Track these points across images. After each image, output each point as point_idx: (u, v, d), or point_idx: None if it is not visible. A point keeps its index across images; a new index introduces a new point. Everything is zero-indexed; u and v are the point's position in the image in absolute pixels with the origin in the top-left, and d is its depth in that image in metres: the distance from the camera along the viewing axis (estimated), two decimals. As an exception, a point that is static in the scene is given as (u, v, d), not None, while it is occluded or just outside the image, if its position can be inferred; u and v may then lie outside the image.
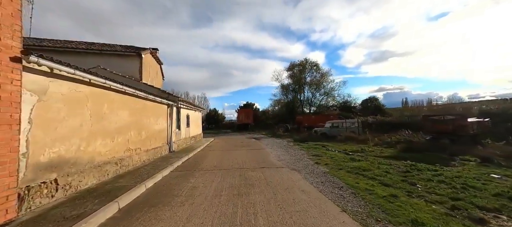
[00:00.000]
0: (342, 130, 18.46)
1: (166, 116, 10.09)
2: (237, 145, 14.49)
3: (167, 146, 9.98)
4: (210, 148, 12.82)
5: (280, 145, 13.97)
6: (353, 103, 39.26)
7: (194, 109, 16.93)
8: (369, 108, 33.48)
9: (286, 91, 46.84)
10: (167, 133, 10.06)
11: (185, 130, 13.76)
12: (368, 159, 8.27)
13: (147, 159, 7.74)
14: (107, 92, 5.49)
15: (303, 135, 19.51)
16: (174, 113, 11.33)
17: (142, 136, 7.45)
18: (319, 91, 43.68)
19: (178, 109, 12.52)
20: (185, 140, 13.53)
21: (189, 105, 14.48)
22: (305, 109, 44.88)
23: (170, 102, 10.19)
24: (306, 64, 44.24)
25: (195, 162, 8.26)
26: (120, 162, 5.97)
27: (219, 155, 10.05)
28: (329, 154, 9.65)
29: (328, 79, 43.13)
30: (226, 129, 39.32)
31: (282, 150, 11.56)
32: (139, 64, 13.25)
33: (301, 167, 6.96)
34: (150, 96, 7.82)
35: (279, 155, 9.54)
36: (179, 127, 12.52)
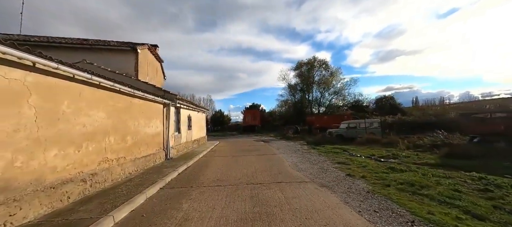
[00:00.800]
0: (360, 131, 16.60)
1: (162, 117, 8.61)
2: (244, 149, 12.90)
3: (163, 152, 8.49)
4: (214, 153, 11.27)
5: (293, 149, 12.30)
6: (365, 102, 37.13)
7: (197, 110, 15.47)
8: (383, 107, 31.30)
9: (294, 91, 45.12)
10: (163, 137, 8.58)
11: (186, 133, 12.29)
12: (411, 168, 6.51)
13: (135, 170, 6.24)
14: (69, 84, 4.01)
15: (317, 137, 17.74)
16: (172, 114, 9.86)
17: (128, 141, 5.96)
18: (328, 90, 41.73)
19: (177, 109, 11.06)
20: (186, 144, 12.05)
21: (191, 105, 13.02)
22: (313, 109, 42.98)
23: (166, 101, 8.72)
24: (315, 63, 42.39)
25: (195, 173, 6.70)
26: (92, 178, 4.46)
27: (224, 162, 8.47)
28: (357, 161, 7.92)
29: (338, 78, 41.17)
30: (232, 131, 37.85)
31: (298, 155, 9.89)
32: (134, 60, 11.89)
33: (331, 181, 5.29)
34: (138, 92, 6.34)
35: (296, 163, 7.89)
36: (179, 130, 11.05)
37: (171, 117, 9.56)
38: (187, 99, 11.62)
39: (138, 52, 11.92)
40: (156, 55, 15.70)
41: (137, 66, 11.92)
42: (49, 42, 10.46)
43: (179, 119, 11.13)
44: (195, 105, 14.08)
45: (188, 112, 12.87)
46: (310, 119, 25.89)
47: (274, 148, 12.95)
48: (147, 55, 13.57)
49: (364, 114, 26.74)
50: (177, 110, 11.03)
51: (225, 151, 12.31)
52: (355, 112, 28.62)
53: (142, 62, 12.64)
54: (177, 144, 10.37)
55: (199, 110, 16.02)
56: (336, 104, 40.50)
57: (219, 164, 8.04)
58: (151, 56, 14.52)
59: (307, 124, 25.62)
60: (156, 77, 15.98)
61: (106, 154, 5.00)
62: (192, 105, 13.18)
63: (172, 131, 9.66)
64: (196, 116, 15.11)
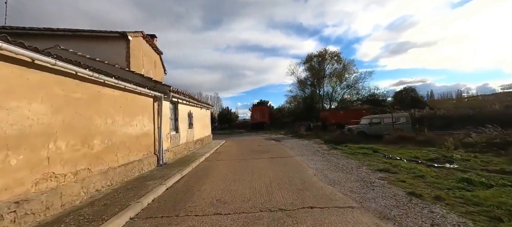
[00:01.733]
0: (385, 127, 14.48)
1: (152, 114, 6.97)
2: (254, 149, 11.14)
3: (153, 157, 6.86)
4: (218, 156, 9.58)
5: (310, 149, 10.42)
6: (382, 96, 34.43)
7: (200, 106, 13.83)
8: (403, 100, 28.66)
9: (303, 86, 42.88)
10: (153, 138, 6.95)
11: (187, 132, 10.66)
12: (495, 180, 4.54)
13: (107, 185, 4.61)
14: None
15: (334, 135, 15.73)
16: (166, 110, 8.22)
17: (95, 146, 4.32)
18: (340, 84, 39.26)
19: (174, 105, 9.42)
20: (187, 145, 10.42)
21: (192, 101, 11.38)
22: (325, 105, 40.67)
23: (157, 93, 7.06)
24: (326, 55, 39.95)
25: (188, 187, 5.00)
26: (18, 209, 2.82)
27: (229, 169, 6.74)
28: (402, 167, 5.98)
29: (351, 71, 38.60)
30: (240, 129, 36.20)
31: (320, 158, 8.02)
32: (125, 49, 10.32)
33: (392, 206, 3.40)
34: (110, 80, 4.66)
35: (322, 170, 6.04)
36: (177, 129, 9.42)
37: (165, 114, 7.92)
38: (186, 93, 9.97)
39: (129, 40, 10.34)
40: (154, 46, 14.15)
41: (128, 56, 10.36)
42: (23, 31, 9.03)
43: (177, 115, 9.49)
44: (197, 101, 12.44)
45: (188, 109, 11.23)
46: (324, 115, 23.78)
47: (287, 148, 11.12)
48: (141, 45, 12.00)
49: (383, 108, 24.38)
50: (174, 106, 9.39)
51: (232, 152, 10.59)
52: (373, 107, 26.23)
53: (135, 53, 11.08)
54: (174, 146, 8.74)
55: (202, 106, 14.38)
56: (350, 99, 37.99)
57: (223, 172, 6.30)
58: (147, 46, 12.95)
59: (321, 120, 23.54)
60: (154, 70, 14.45)
61: (51, 167, 3.35)
62: (193, 100, 11.54)
63: (166, 130, 8.03)
64: (198, 112, 13.48)
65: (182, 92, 9.31)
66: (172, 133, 8.76)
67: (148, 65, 13.09)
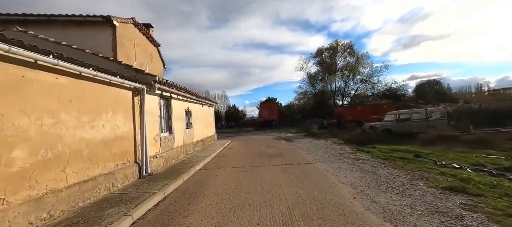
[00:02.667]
0: (416, 124, 12.41)
1: (131, 111, 5.40)
2: (262, 152, 9.44)
3: (133, 167, 5.29)
4: (219, 162, 7.96)
5: (331, 152, 8.60)
6: (401, 90, 31.72)
7: (201, 103, 12.27)
8: (426, 94, 26.04)
9: (314, 81, 40.68)
10: (134, 142, 5.38)
11: (184, 133, 9.10)
12: None
13: (41, 219, 3.05)
14: None
15: (355, 134, 13.77)
16: (154, 107, 6.65)
17: (16, 161, 2.76)
18: (353, 78, 36.75)
19: (166, 100, 7.85)
20: (183, 148, 8.86)
21: (190, 96, 9.79)
22: (337, 101, 38.34)
23: (138, 85, 5.47)
24: (337, 47, 37.55)
25: (163, 222, 3.38)
26: None
27: (230, 185, 5.06)
28: (480, 183, 4.10)
29: (365, 64, 35.99)
30: (248, 127, 34.58)
31: (348, 165, 6.19)
32: (111, 36, 8.84)
33: None
34: (45, 59, 3.07)
35: (361, 187, 4.24)
36: (170, 129, 7.86)
37: (151, 111, 6.36)
38: (181, 86, 8.38)
39: (115, 26, 8.84)
40: (150, 36, 12.66)
41: (115, 44, 8.87)
42: None
43: (171, 113, 7.93)
44: (197, 97, 10.85)
45: (185, 105, 9.66)
46: (340, 111, 21.69)
47: (302, 151, 9.34)
48: (132, 34, 10.51)
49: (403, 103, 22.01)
50: (166, 102, 7.83)
51: (236, 156, 8.93)
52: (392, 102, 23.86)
53: (124, 42, 9.59)
54: (166, 150, 7.19)
55: (204, 103, 12.81)
56: (364, 93, 35.45)
57: (221, 189, 4.64)
58: (140, 36, 11.47)
59: (335, 117, 21.50)
60: (150, 64, 12.98)
61: None
62: (191, 96, 9.96)
63: (154, 132, 6.46)
64: (199, 110, 11.92)
65: (175, 85, 7.71)
66: (163, 135, 7.20)
67: (142, 57, 11.62)
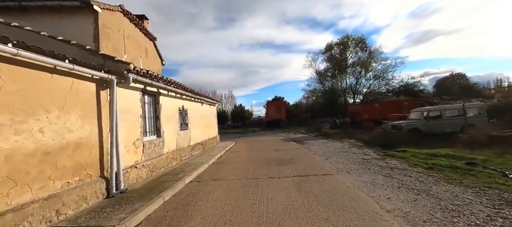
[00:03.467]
0: (450, 122, 10.61)
1: (94, 109, 4.09)
2: (270, 157, 7.97)
3: (98, 183, 3.97)
4: (217, 171, 6.56)
5: (352, 158, 7.03)
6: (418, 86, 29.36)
7: (200, 101, 10.95)
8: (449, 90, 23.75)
9: (323, 78, 38.79)
10: (98, 149, 4.07)
11: (178, 136, 7.78)
12: None
13: None
14: None
15: (375, 134, 12.09)
16: (134, 103, 5.33)
17: None
18: (366, 75, 34.63)
19: (153, 97, 6.53)
20: (177, 153, 7.54)
21: (185, 93, 8.46)
22: (348, 98, 36.33)
23: (106, 75, 4.14)
24: (348, 42, 35.51)
25: None
26: None
27: (225, 211, 3.61)
28: None
29: (378, 59, 33.77)
30: (254, 127, 33.18)
31: (384, 178, 4.63)
32: (92, 24, 7.63)
33: None
34: None
35: (428, 226, 2.74)
36: (158, 131, 6.53)
37: (129, 109, 5.05)
38: (172, 81, 7.04)
39: (97, 12, 7.62)
40: (144, 29, 11.45)
41: (97, 33, 7.65)
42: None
43: (158, 113, 6.61)
44: (194, 94, 9.50)
45: (179, 104, 8.33)
46: (355, 109, 19.88)
47: (318, 156, 7.81)
48: (121, 23, 9.29)
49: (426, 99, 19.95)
50: (152, 98, 6.51)
51: (239, 163, 7.52)
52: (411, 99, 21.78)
53: (110, 32, 8.38)
54: (151, 157, 5.87)
55: (204, 101, 11.48)
56: (378, 90, 33.26)
57: (210, 221, 3.22)
58: (131, 27, 10.26)
59: (350, 115, 19.72)
60: (145, 60, 11.78)
61: None
62: (187, 93, 8.62)
63: (133, 135, 5.14)
64: (198, 109, 10.60)
65: (163, 79, 6.37)
66: (147, 139, 5.88)
67: (134, 51, 10.41)
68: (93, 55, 4.49)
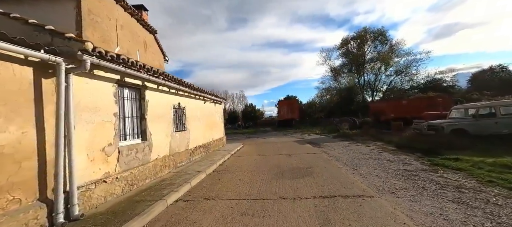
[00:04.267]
0: (506, 121, 8.54)
1: (30, 105, 2.89)
2: (282, 165, 6.49)
3: (37, 208, 2.76)
4: (214, 184, 5.21)
5: (389, 167, 5.38)
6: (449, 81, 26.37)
7: (202, 99, 9.71)
8: (489, 84, 20.79)
9: (338, 75, 36.51)
10: (35, 162, 2.86)
11: (172, 138, 6.55)
12: None
13: None
14: None
15: (406, 135, 10.21)
16: (103, 98, 4.10)
17: None
18: (386, 70, 31.96)
19: (136, 91, 5.31)
20: (170, 159, 6.29)
21: (182, 89, 7.22)
22: (366, 96, 33.81)
23: (44, 56, 2.93)
24: (366, 36, 32.96)
25: None
26: None
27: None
28: None
29: (400, 54, 30.96)
30: (266, 127, 31.76)
31: (463, 208, 2.99)
32: (74, 9, 6.60)
33: None
34: None
35: None
36: (143, 135, 5.31)
37: (96, 105, 3.83)
38: (162, 72, 5.81)
39: (79, -6, 6.59)
40: (141, 20, 10.42)
41: (80, 20, 6.61)
42: None
43: (144, 111, 5.38)
44: (193, 90, 8.23)
45: (175, 100, 7.10)
46: (379, 107, 17.78)
47: (342, 164, 6.22)
48: (113, 12, 8.24)
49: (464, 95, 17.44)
50: (136, 93, 5.29)
51: (244, 172, 6.12)
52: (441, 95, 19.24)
53: (97, 19, 7.34)
54: (132, 167, 4.64)
55: (207, 98, 10.23)
56: (400, 87, 30.51)
57: None
58: (126, 16, 9.22)
59: (372, 114, 17.68)
60: (144, 54, 10.77)
61: None
62: (184, 88, 7.38)
63: (103, 139, 3.91)
64: (200, 107, 9.35)
65: (150, 69, 5.12)
66: (125, 143, 4.66)
67: (130, 43, 9.38)
68: (39, 32, 3.30)
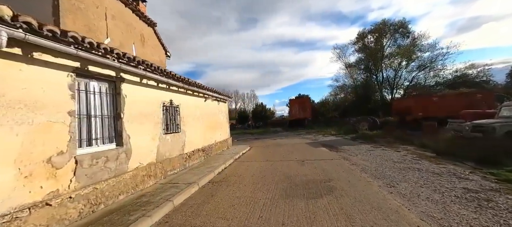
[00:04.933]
0: None
1: None
2: (292, 176, 5.17)
3: None
4: (199, 206, 4.00)
5: (439, 183, 3.90)
6: (482, 76, 23.51)
7: (203, 96, 8.61)
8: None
9: (353, 72, 34.32)
10: None
11: (160, 142, 5.45)
12: None
13: None
14: None
15: (445, 139, 8.49)
16: (52, 94, 3.03)
17: None
18: (408, 65, 29.37)
19: (111, 84, 4.24)
20: (156, 168, 5.21)
21: (176, 83, 6.13)
22: (384, 94, 31.40)
23: None
24: (385, 28, 30.48)
25: None
26: None
27: None
28: None
29: (424, 47, 28.21)
30: (276, 127, 30.37)
31: None
32: (50, -8, 5.72)
33: None
34: None
35: None
36: (118, 138, 4.22)
37: (33, 101, 2.74)
38: (143, 61, 4.73)
39: (55, -26, 5.68)
40: (138, 11, 9.49)
41: (57, 4, 5.71)
42: None
43: (120, 109, 4.30)
44: (188, 85, 7.13)
45: (165, 97, 6.01)
46: (403, 105, 15.81)
47: (371, 176, 4.80)
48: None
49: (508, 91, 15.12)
50: (110, 86, 4.22)
51: (244, 186, 4.88)
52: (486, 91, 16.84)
53: (80, 6, 6.43)
54: (97, 181, 3.57)
55: (208, 96, 9.11)
56: (424, 83, 27.87)
57: None
58: (119, 5, 8.30)
59: (396, 112, 15.80)
60: (141, 48, 9.86)
61: None
62: (178, 83, 6.28)
63: (47, 149, 2.83)
64: (200, 106, 8.26)
65: (124, 55, 4.04)
66: (88, 151, 3.60)
67: (124, 35, 8.48)
68: None
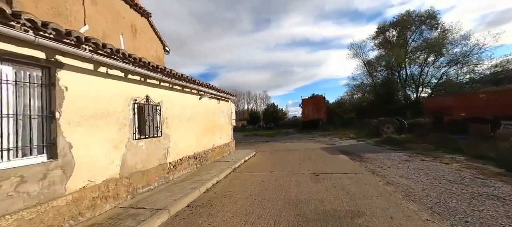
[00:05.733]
0: None
1: None
2: (303, 201, 3.61)
3: None
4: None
5: None
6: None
7: (197, 93, 7.28)
8: None
9: (373, 69, 31.57)
10: None
11: (130, 150, 4.17)
12: None
13: None
14: None
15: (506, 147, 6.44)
16: None
17: None
18: (436, 60, 26.32)
19: (42, 71, 2.95)
20: (118, 185, 3.90)
21: (140, 71, 4.86)
22: (408, 93, 28.51)
23: None
24: (409, 20, 27.64)
25: None
26: None
27: None
28: None
29: (454, 39, 25.01)
30: (288, 128, 28.62)
31: None
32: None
33: None
34: None
35: None
36: (51, 148, 2.95)
37: None
38: (96, 42, 3.51)
39: None
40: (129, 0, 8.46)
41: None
42: None
43: (54, 107, 3.03)
44: (177, 79, 5.82)
45: (137, 91, 4.70)
46: (438, 104, 13.43)
47: (429, 212, 3.07)
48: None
49: None
50: (42, 74, 2.95)
51: (232, 217, 3.43)
52: None
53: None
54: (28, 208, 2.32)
55: (204, 93, 7.75)
56: (456, 80, 24.71)
57: None
58: (102, -12, 7.25)
59: (430, 113, 13.53)
60: (133, 40, 8.80)
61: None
62: (146, 71, 5.00)
63: None
64: (192, 105, 6.91)
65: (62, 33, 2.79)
66: None
67: (109, 25, 7.40)
68: None
